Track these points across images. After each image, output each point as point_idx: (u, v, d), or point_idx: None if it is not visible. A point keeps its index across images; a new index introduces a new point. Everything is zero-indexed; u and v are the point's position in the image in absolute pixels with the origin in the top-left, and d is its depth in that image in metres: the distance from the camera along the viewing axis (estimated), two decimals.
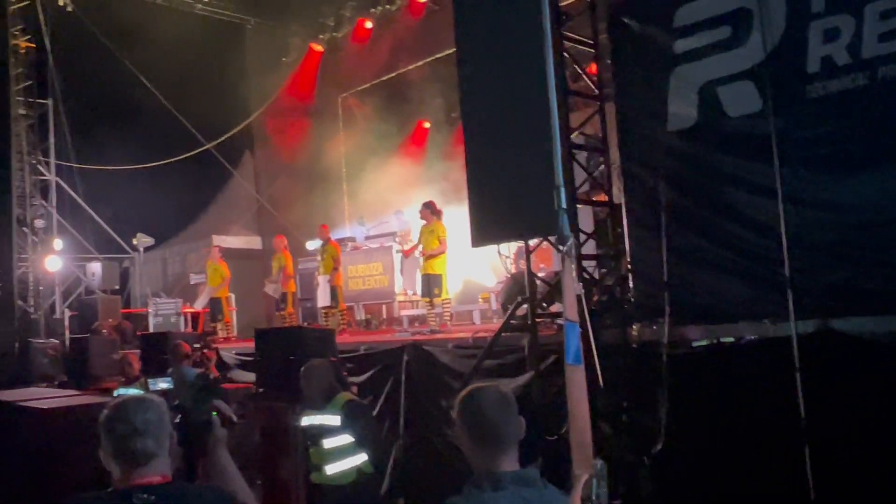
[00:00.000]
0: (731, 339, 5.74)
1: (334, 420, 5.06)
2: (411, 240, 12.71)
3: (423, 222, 10.77)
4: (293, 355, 7.60)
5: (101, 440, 2.30)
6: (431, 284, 10.45)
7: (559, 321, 7.11)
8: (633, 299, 6.59)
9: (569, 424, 4.08)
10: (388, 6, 15.78)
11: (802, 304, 5.25)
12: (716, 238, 5.90)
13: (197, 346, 8.67)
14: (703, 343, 5.94)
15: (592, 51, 7.12)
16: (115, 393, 7.21)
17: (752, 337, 5.56)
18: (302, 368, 5.28)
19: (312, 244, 14.47)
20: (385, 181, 15.30)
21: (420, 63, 15.55)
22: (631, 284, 6.62)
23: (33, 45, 14.83)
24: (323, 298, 12.78)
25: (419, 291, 11.30)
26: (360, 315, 13.91)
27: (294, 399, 7.00)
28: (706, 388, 5.73)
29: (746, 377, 5.48)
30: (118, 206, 16.20)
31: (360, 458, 5.02)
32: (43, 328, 14.02)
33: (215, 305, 13.96)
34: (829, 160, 5.39)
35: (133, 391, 7.15)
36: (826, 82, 5.43)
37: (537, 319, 6.97)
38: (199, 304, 13.85)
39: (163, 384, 6.40)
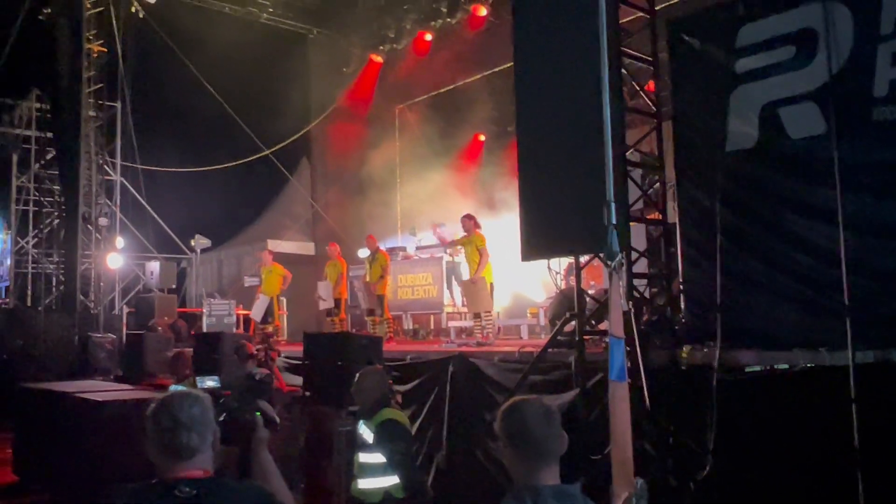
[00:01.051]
0: (786, 366, 5.59)
1: (370, 435, 5.01)
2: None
3: (464, 234, 10.89)
4: (341, 361, 7.66)
5: (147, 433, 2.34)
6: (478, 296, 10.48)
7: (607, 339, 7.01)
8: (683, 321, 6.48)
9: (611, 440, 4.02)
10: (448, 19, 15.88)
11: (861, 333, 5.08)
12: (772, 262, 5.76)
13: (260, 346, 8.81)
14: (756, 369, 5.80)
15: (651, 68, 7.04)
16: (170, 389, 7.36)
17: (807, 364, 5.40)
18: (357, 374, 5.24)
19: (364, 252, 14.61)
20: (438, 193, 15.36)
21: (478, 76, 15.62)
22: (682, 305, 6.51)
23: (105, 50, 15.30)
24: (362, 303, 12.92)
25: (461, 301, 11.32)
26: (408, 324, 13.96)
27: (340, 404, 7.08)
28: (756, 415, 5.59)
29: (799, 406, 5.33)
30: (178, 208, 16.60)
31: (391, 479, 4.86)
32: (102, 323, 14.37)
33: (269, 306, 14.14)
34: (893, 186, 5.22)
35: (181, 388, 7.28)
36: (893, 107, 5.27)
37: (585, 336, 6.89)
38: (257, 314, 13.95)
39: (210, 382, 6.49)
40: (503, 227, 12.02)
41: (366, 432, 5.00)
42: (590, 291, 8.33)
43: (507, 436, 2.39)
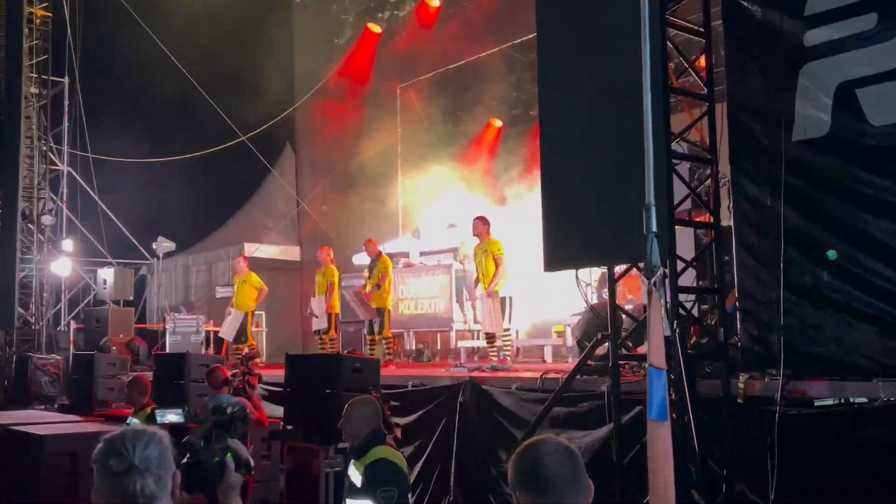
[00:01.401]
0: (864, 400, 5.53)
1: (359, 478, 4.98)
2: (467, 255, 12.73)
3: (475, 240, 10.93)
4: (330, 388, 7.67)
5: (94, 477, 2.31)
6: (493, 312, 10.50)
7: (646, 365, 6.97)
8: (739, 344, 6.43)
9: (649, 491, 3.98)
10: None
11: None
12: (849, 275, 5.71)
13: (236, 371, 8.82)
14: (828, 403, 5.74)
15: (703, 40, 7.00)
16: (129, 421, 7.34)
17: (891, 399, 5.35)
18: (347, 404, 5.24)
19: (361, 258, 14.61)
20: (446, 188, 15.37)
21: (493, 50, 15.64)
22: (738, 325, 6.47)
23: (49, 15, 15.28)
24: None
25: (480, 319, 11.29)
26: (410, 344, 13.97)
27: (328, 440, 7.06)
28: (829, 458, 5.53)
29: (881, 448, 5.27)
30: (136, 205, 16.70)
31: None
32: (45, 342, 14.39)
33: (242, 323, 14.13)
34: None
35: (134, 421, 7.25)
36: None
37: (620, 362, 6.88)
38: (228, 333, 13.96)
39: (172, 416, 6.47)
40: (523, 229, 11.99)
41: (354, 474, 4.97)
42: (626, 307, 8.29)
43: (520, 480, 2.35)
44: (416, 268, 14.17)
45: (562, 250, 6.80)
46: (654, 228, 4.13)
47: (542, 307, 13.43)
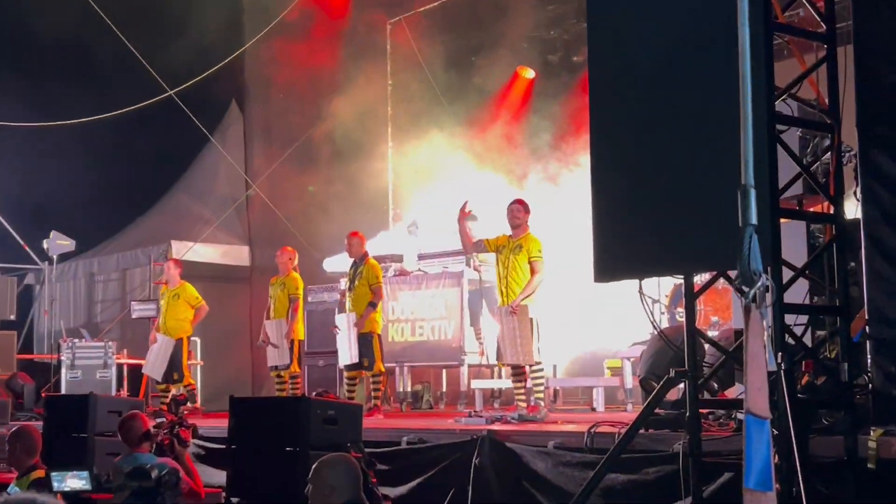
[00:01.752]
0: None
1: None
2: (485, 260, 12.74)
3: (508, 233, 10.91)
4: (292, 445, 7.70)
5: None
6: (520, 335, 10.46)
7: (739, 415, 6.92)
8: (870, 386, 6.40)
9: None
10: None
11: None
12: None
13: (161, 420, 8.82)
14: None
15: None
16: (9, 491, 7.33)
17: None
18: (313, 468, 5.25)
19: (334, 263, 14.57)
20: (455, 163, 15.34)
21: None
22: (869, 359, 6.43)
23: None
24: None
25: (497, 352, 11.30)
26: (404, 385, 13.97)
27: None
28: None
29: None
30: (20, 187, 16.67)
31: None
32: None
33: (174, 353, 14.06)
34: None
35: (15, 490, 7.23)
36: None
37: (702, 410, 6.87)
38: (154, 368, 13.88)
39: (75, 482, 6.46)
40: (560, 221, 12.05)
41: None
42: (710, 333, 8.26)
43: None
44: (414, 277, 14.17)
45: (619, 253, 6.77)
46: (753, 220, 4.10)
47: (589, 334, 13.42)
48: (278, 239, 15.77)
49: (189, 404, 13.72)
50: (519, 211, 10.78)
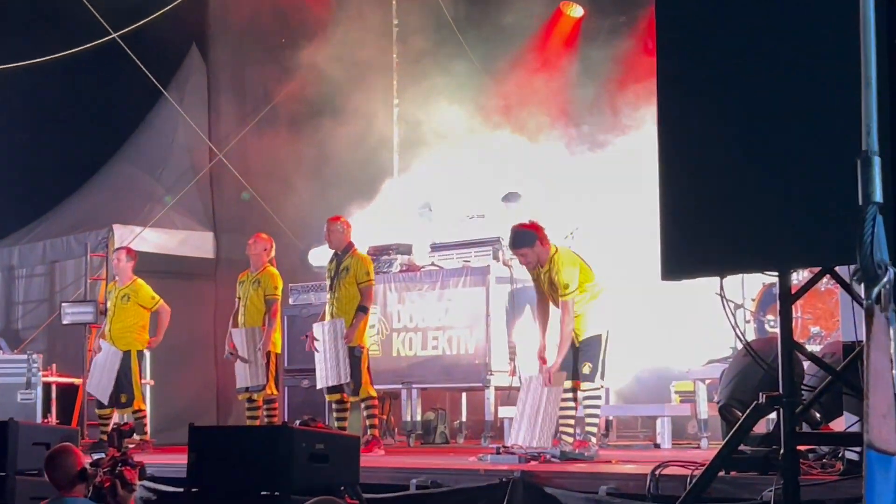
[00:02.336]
0: None
1: None
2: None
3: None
4: (269, 488, 7.72)
5: None
6: (579, 358, 10.54)
7: (850, 453, 6.88)
8: None
9: None
10: None
11: None
12: None
13: (98, 457, 8.83)
14: None
15: None
16: None
17: None
18: None
19: (322, 255, 14.57)
20: (481, 130, 15.33)
21: None
22: None
23: None
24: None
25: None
26: (412, 412, 13.99)
27: None
28: None
29: None
30: None
31: None
32: None
33: (122, 368, 14.04)
34: None
35: None
36: None
37: (800, 447, 6.85)
38: (100, 387, 13.84)
39: None
40: (615, 202, 12.04)
41: None
42: (811, 348, 8.23)
43: None
44: (426, 273, 14.21)
45: (694, 245, 6.78)
46: (878, 198, 4.09)
47: (651, 349, 13.44)
48: (251, 224, 15.76)
49: (136, 436, 13.76)
50: (526, 255, 10.79)
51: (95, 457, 8.81)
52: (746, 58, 6.54)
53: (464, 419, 14.63)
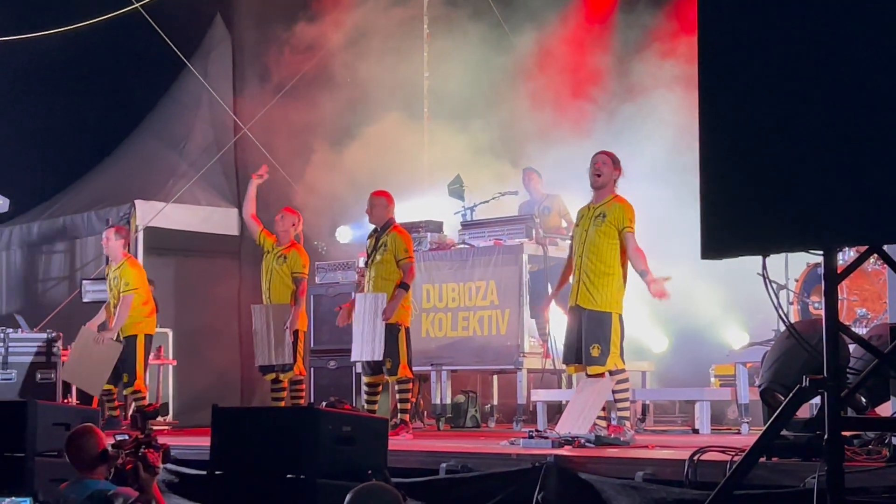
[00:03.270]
0: None
1: None
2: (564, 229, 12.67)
3: (590, 198, 10.89)
4: (294, 471, 7.75)
5: None
6: (594, 334, 10.52)
7: None
8: None
9: None
10: None
11: None
12: None
13: (121, 438, 8.81)
14: None
15: None
16: None
17: None
18: (348, 497, 5.31)
19: (348, 233, 14.54)
20: (512, 102, 15.28)
21: None
22: None
23: None
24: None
25: (565, 352, 11.24)
26: (442, 395, 13.99)
27: None
28: None
29: None
30: None
31: None
32: None
33: (127, 350, 14.04)
34: None
35: None
36: None
37: (845, 432, 6.78)
38: (91, 381, 13.82)
39: None
40: (651, 171, 11.95)
41: None
42: (856, 330, 8.15)
43: None
44: (456, 252, 14.21)
45: (736, 221, 6.68)
46: None
47: (689, 331, 13.38)
48: (277, 199, 15.72)
49: (159, 417, 13.77)
50: (605, 164, 10.74)
51: (117, 439, 8.80)
52: (792, 29, 6.50)
53: (495, 402, 14.65)
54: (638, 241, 10.61)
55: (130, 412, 13.13)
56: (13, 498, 6.77)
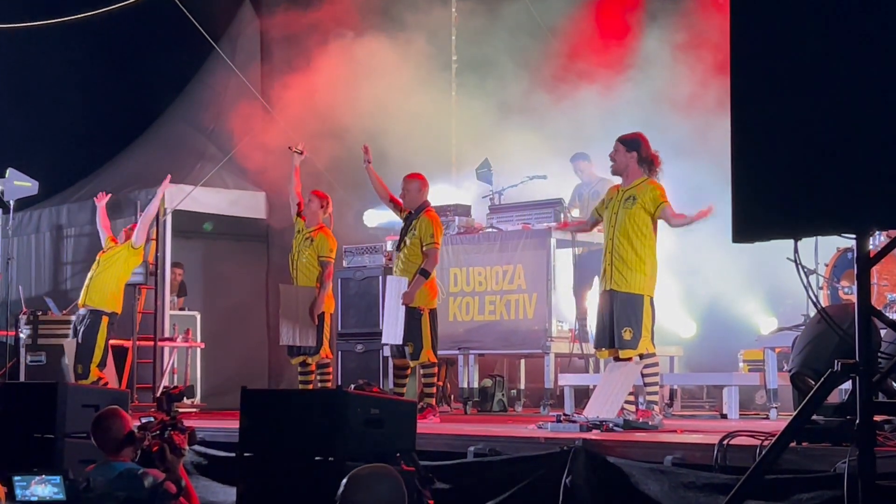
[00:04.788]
0: None
1: None
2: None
3: (617, 179, 10.94)
4: (324, 454, 7.78)
5: None
6: (626, 316, 10.55)
7: None
8: None
9: None
10: None
11: None
12: None
13: (148, 420, 8.87)
14: None
15: None
16: None
17: None
18: (344, 482, 5.33)
19: (376, 216, 14.55)
20: (543, 88, 15.29)
21: None
22: None
23: None
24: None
25: (596, 337, 11.26)
26: (469, 379, 14.02)
27: None
28: None
29: None
30: None
31: None
32: None
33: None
34: None
35: None
36: None
37: (876, 417, 6.79)
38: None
39: (45, 490, 6.57)
40: (677, 146, 12.01)
41: None
42: (888, 314, 8.17)
43: None
44: (484, 236, 14.23)
45: (768, 204, 6.71)
46: None
47: (718, 314, 13.39)
48: (306, 182, 15.74)
49: (185, 399, 13.84)
50: (617, 151, 10.78)
51: (143, 421, 8.87)
52: (825, 15, 6.51)
53: (522, 387, 14.65)
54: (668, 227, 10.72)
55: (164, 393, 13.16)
56: (45, 475, 6.83)
